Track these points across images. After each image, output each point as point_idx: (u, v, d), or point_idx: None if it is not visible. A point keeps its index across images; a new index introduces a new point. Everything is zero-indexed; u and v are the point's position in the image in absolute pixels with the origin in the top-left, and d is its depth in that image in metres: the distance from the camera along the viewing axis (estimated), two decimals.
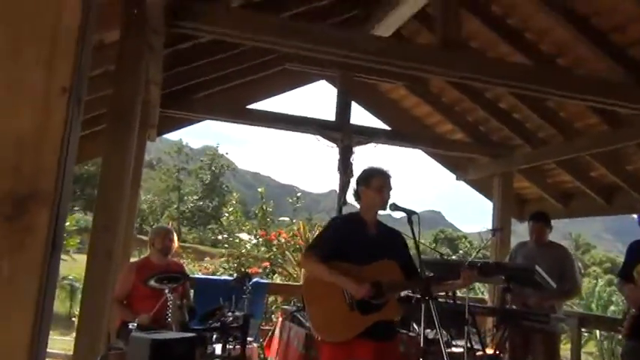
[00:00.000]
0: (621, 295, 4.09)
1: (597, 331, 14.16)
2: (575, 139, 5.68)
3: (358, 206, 3.35)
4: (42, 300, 1.04)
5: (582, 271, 38.93)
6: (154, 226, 4.61)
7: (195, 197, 39.55)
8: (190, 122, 6.24)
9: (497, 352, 4.30)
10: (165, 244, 4.23)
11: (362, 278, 2.97)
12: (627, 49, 4.43)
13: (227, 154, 45.04)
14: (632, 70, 4.50)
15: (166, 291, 3.56)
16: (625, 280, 3.97)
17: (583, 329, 5.82)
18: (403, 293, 3.54)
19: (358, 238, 3.13)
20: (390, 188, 3.18)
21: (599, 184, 6.39)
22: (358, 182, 3.26)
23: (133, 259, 5.35)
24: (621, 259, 4.27)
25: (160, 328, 3.14)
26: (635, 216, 4.18)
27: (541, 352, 4.57)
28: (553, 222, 4.91)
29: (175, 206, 39.09)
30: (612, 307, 19.40)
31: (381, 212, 3.27)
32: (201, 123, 6.44)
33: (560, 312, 4.71)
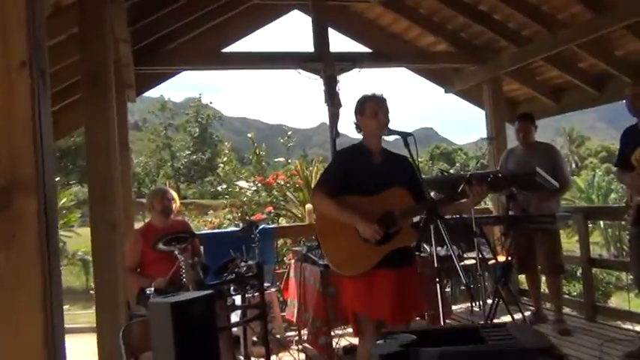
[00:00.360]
0: (621, 183, 4.10)
1: (601, 221, 14.47)
2: (560, 32, 5.54)
3: (356, 136, 3.31)
4: (48, 287, 1.00)
5: (579, 164, 39.37)
6: (150, 189, 4.57)
7: (187, 152, 39.33)
8: (168, 76, 6.05)
9: (509, 258, 4.38)
10: (165, 204, 4.18)
11: (373, 209, 2.98)
12: None
13: (211, 103, 44.30)
14: None
15: (176, 252, 3.55)
16: (623, 169, 3.94)
17: (588, 221, 5.88)
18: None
19: (365, 169, 3.12)
20: (386, 111, 3.13)
21: (588, 75, 6.30)
22: (355, 112, 3.22)
23: (137, 225, 5.35)
24: (617, 146, 4.25)
25: (176, 290, 3.15)
26: (624, 101, 4.09)
27: (543, 251, 4.71)
28: (545, 120, 4.90)
29: (169, 164, 38.93)
30: (612, 195, 19.82)
31: None
32: (178, 75, 6.26)
33: (560, 209, 4.79)
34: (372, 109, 3.12)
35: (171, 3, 4.79)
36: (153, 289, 3.48)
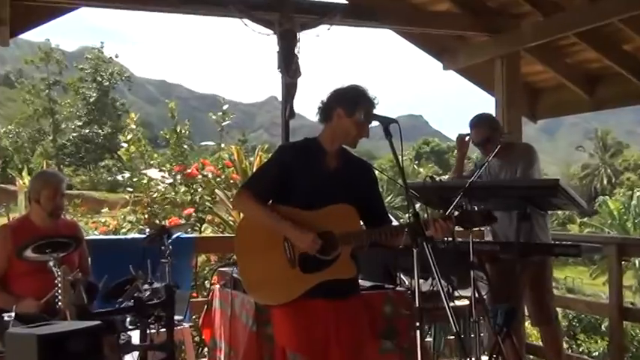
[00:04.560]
0: None
1: (636, 260, 14.93)
2: (602, 1, 5.69)
3: (319, 124, 3.32)
4: None
5: (614, 180, 40.47)
6: (37, 173, 4.51)
7: (77, 123, 38.71)
8: (59, 12, 5.83)
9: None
10: (57, 204, 4.12)
11: (310, 225, 3.11)
12: None
13: (117, 57, 43.72)
14: None
15: (50, 263, 3.47)
16: None
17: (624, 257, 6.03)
18: None
19: (313, 174, 3.23)
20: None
21: (635, 62, 6.49)
22: (338, 100, 3.25)
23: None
24: None
25: (49, 317, 3.08)
26: None
27: (531, 293, 4.81)
28: (573, 117, 5.01)
29: (50, 138, 38.17)
30: None
31: None
32: (73, 14, 6.02)
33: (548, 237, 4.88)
34: (365, 116, 3.18)
35: None
36: (14, 313, 3.37)
